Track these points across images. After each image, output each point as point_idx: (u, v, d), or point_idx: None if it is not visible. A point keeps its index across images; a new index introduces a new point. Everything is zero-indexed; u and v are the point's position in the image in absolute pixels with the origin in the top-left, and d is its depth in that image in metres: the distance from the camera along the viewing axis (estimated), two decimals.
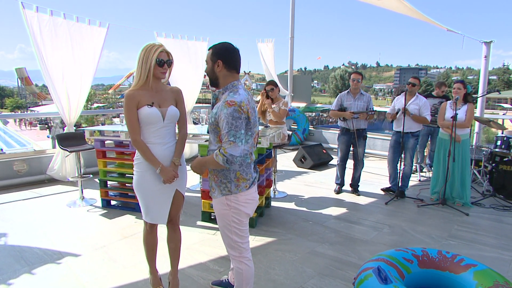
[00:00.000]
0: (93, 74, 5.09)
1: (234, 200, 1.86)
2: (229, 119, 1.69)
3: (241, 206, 1.87)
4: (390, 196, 4.53)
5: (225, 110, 1.71)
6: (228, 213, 1.87)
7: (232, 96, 1.77)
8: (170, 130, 2.13)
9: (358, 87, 4.49)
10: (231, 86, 1.84)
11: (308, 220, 3.72)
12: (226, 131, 1.70)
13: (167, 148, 2.10)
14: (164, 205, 2.15)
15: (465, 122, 4.08)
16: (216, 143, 1.86)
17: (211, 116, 1.83)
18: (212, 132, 1.87)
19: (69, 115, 4.99)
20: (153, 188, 2.10)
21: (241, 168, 1.87)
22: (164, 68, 2.03)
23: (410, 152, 4.43)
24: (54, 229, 3.43)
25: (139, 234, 3.29)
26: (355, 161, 4.66)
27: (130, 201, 3.96)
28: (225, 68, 1.83)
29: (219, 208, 1.90)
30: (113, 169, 3.96)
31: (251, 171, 1.92)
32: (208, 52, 1.88)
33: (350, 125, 4.45)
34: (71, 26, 4.82)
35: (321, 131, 8.42)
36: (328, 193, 4.75)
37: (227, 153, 1.69)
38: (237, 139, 1.70)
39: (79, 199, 4.16)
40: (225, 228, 1.92)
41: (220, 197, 1.88)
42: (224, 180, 1.87)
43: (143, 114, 2.02)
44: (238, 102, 1.73)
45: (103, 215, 3.81)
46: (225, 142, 1.71)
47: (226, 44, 1.85)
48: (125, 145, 3.97)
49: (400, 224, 3.63)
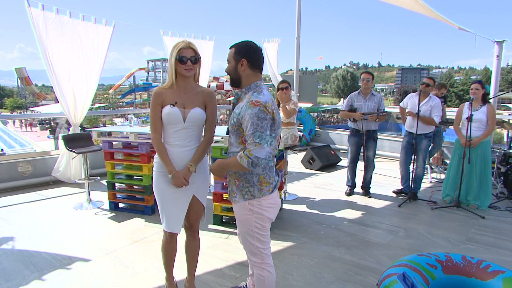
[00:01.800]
0: (99, 73, 5.05)
1: (257, 204, 1.81)
2: (254, 120, 1.64)
3: (264, 211, 1.82)
4: (402, 198, 4.48)
5: (250, 110, 1.66)
6: (251, 218, 1.82)
7: (257, 96, 1.72)
8: (193, 133, 2.05)
9: (369, 86, 4.44)
10: (254, 86, 1.80)
11: (321, 223, 3.67)
12: (251, 132, 1.65)
13: (186, 151, 2.03)
14: (178, 211, 2.07)
15: (489, 126, 4.01)
16: (238, 144, 1.80)
17: (233, 116, 1.78)
18: (234, 134, 1.81)
19: (74, 115, 4.93)
20: (167, 191, 2.04)
21: (265, 171, 1.81)
22: (187, 65, 1.96)
23: (423, 153, 4.37)
24: (62, 232, 3.37)
25: (149, 238, 3.24)
26: (365, 163, 4.61)
27: (138, 204, 3.91)
28: (249, 68, 1.78)
29: (241, 213, 1.84)
30: (121, 171, 3.91)
31: (273, 174, 1.87)
32: (230, 50, 1.83)
33: (360, 126, 4.40)
34: (76, 25, 4.78)
35: (327, 132, 8.36)
36: (339, 195, 4.70)
37: (252, 155, 1.64)
38: (263, 141, 1.64)
39: (86, 202, 4.11)
40: (246, 234, 1.87)
41: (242, 201, 1.83)
42: (246, 184, 1.81)
43: (164, 113, 1.98)
44: (263, 102, 1.68)
45: (111, 218, 3.76)
46: (250, 143, 1.65)
47: (249, 43, 1.81)
48: (133, 146, 3.92)
49: (416, 227, 3.58)
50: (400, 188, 4.67)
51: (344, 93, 62.07)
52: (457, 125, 4.24)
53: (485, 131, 4.01)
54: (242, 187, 1.83)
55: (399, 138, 7.26)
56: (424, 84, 4.32)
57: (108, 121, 25.67)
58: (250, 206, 1.81)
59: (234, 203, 1.89)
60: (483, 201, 4.11)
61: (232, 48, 1.82)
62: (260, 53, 1.81)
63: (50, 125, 23.82)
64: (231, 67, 1.82)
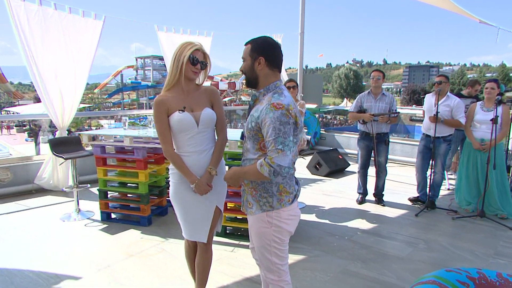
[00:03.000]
0: (88, 71, 4.99)
1: (276, 216, 1.76)
2: (276, 124, 1.60)
3: (283, 223, 1.78)
4: (419, 206, 4.45)
5: (271, 113, 1.62)
6: (269, 231, 1.78)
7: (278, 98, 1.68)
8: (207, 135, 2.05)
9: (379, 85, 4.43)
10: (274, 86, 1.76)
11: (333, 234, 3.63)
12: (272, 137, 1.60)
13: (205, 156, 2.03)
14: (203, 220, 2.09)
15: (503, 128, 4.01)
16: (256, 151, 1.76)
17: (251, 120, 1.74)
18: (251, 139, 1.77)
19: (61, 117, 4.87)
20: (190, 202, 2.04)
21: (284, 180, 1.77)
22: (196, 67, 1.96)
23: (441, 158, 4.35)
24: (47, 247, 3.28)
25: (146, 252, 3.17)
26: (377, 169, 4.58)
27: (133, 214, 3.85)
28: (267, 66, 1.75)
29: (258, 226, 1.80)
30: (115, 178, 3.85)
31: (293, 183, 1.83)
32: (246, 47, 1.79)
33: (370, 128, 4.38)
34: (63, 18, 4.72)
35: (333, 135, 8.34)
36: (349, 203, 4.67)
37: (275, 163, 1.59)
38: (286, 147, 1.60)
39: (75, 212, 4.03)
40: (263, 249, 1.82)
41: (260, 213, 1.78)
42: (264, 194, 1.77)
43: (174, 121, 1.95)
44: (285, 105, 1.64)
45: (103, 230, 3.68)
46: (271, 150, 1.61)
47: (268, 39, 1.77)
48: (128, 151, 3.86)
49: (437, 239, 3.55)
50: (416, 196, 4.65)
51: (347, 93, 62.30)
52: (468, 127, 4.22)
53: (498, 133, 4.00)
54: (260, 197, 1.78)
55: (411, 142, 7.25)
56: (436, 83, 4.29)
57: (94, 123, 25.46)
58: (268, 218, 1.77)
59: (249, 215, 1.85)
60: (509, 210, 4.09)
61: (248, 45, 1.78)
62: (279, 51, 1.78)
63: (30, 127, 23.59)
64: (247, 66, 1.78)
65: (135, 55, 53.17)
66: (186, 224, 2.09)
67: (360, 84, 67.51)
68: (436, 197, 4.46)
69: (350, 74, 65.15)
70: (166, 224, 3.82)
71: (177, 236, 3.49)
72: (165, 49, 5.75)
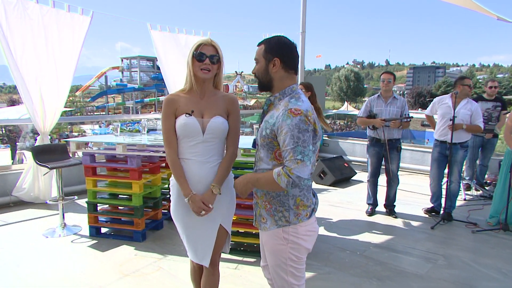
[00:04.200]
0: (73, 71, 4.93)
1: (293, 232, 1.72)
2: (294, 132, 1.57)
3: (300, 239, 1.74)
4: (434, 218, 4.43)
5: (289, 120, 1.59)
6: (285, 249, 1.73)
7: (295, 103, 1.65)
8: (214, 147, 1.98)
9: (390, 88, 4.44)
10: (290, 90, 1.74)
11: (344, 249, 3.60)
12: (291, 146, 1.57)
13: (207, 168, 1.97)
14: (206, 241, 2.02)
15: None
16: (270, 160, 1.73)
17: (265, 127, 1.71)
18: (265, 147, 1.73)
19: (43, 122, 4.79)
20: (191, 220, 1.97)
21: (302, 192, 1.74)
22: (205, 63, 1.90)
23: (458, 166, 4.36)
24: (29, 267, 3.18)
25: (142, 271, 3.10)
26: (388, 177, 4.57)
27: (126, 228, 3.77)
28: (282, 68, 1.73)
29: (273, 243, 1.76)
30: (105, 189, 3.78)
31: (311, 195, 1.80)
32: (259, 48, 1.76)
33: (381, 134, 4.38)
34: (45, 12, 4.65)
35: (337, 141, 8.35)
36: (359, 215, 4.65)
37: (294, 174, 1.56)
38: (305, 157, 1.57)
39: (60, 227, 3.94)
40: (278, 268, 1.78)
41: (275, 229, 1.75)
42: (280, 208, 1.73)
43: (179, 124, 1.91)
44: (304, 111, 1.61)
45: (93, 246, 3.60)
46: (290, 160, 1.58)
47: (283, 38, 1.75)
48: (119, 159, 3.80)
49: (457, 254, 3.52)
50: (431, 207, 4.64)
51: (348, 96, 62.73)
52: (509, 133, 4.19)
53: None
54: (275, 211, 1.74)
55: (421, 148, 7.28)
56: (467, 85, 4.28)
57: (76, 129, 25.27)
58: (284, 235, 1.73)
59: (263, 231, 1.81)
60: None
61: (261, 45, 1.76)
62: (296, 51, 1.76)
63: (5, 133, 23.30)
64: (261, 68, 1.76)
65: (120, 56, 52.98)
66: (188, 244, 2.02)
67: (361, 87, 68.03)
68: (453, 208, 4.46)
69: (350, 76, 65.65)
70: (162, 239, 3.76)
71: (175, 252, 3.43)
72: (159, 49, 5.71)
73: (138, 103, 43.33)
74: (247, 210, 3.29)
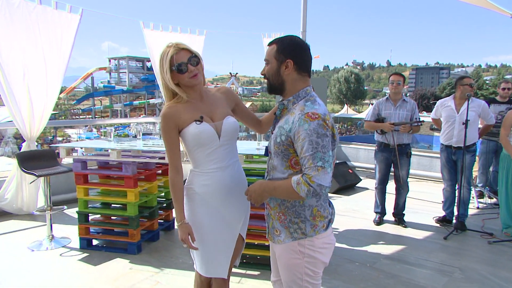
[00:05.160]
0: (63, 72, 4.88)
1: (309, 245, 1.70)
2: (313, 137, 1.55)
3: (317, 253, 1.72)
4: (447, 228, 4.42)
5: (306, 125, 1.57)
6: (301, 263, 1.71)
7: (312, 106, 1.64)
8: (231, 148, 1.98)
9: (399, 91, 4.44)
10: (304, 93, 1.72)
11: (353, 261, 3.57)
12: (310, 153, 1.55)
13: (230, 172, 1.96)
14: (225, 251, 2.01)
15: None
16: (285, 169, 1.70)
17: (280, 133, 1.68)
18: (279, 155, 1.71)
19: (30, 126, 4.72)
20: (209, 229, 1.95)
21: (319, 202, 1.72)
22: (190, 71, 1.84)
23: (467, 171, 4.36)
24: (13, 284, 3.10)
25: (138, 285, 3.05)
26: (397, 184, 4.56)
27: (119, 240, 3.72)
28: (295, 71, 1.71)
29: (288, 257, 1.73)
30: (98, 198, 3.73)
31: (327, 205, 1.77)
32: (271, 48, 1.74)
33: (390, 139, 4.38)
34: (32, 9, 4.61)
35: (340, 146, 8.35)
36: (366, 224, 4.63)
37: (315, 182, 1.53)
38: (326, 164, 1.55)
39: (47, 239, 3.87)
40: (293, 284, 1.75)
41: (290, 242, 1.72)
42: (295, 219, 1.70)
43: (192, 134, 1.86)
44: (321, 115, 1.60)
45: (84, 260, 3.53)
46: (309, 167, 1.55)
47: (296, 39, 1.74)
48: (112, 166, 3.75)
49: (474, 267, 3.50)
50: (443, 216, 4.63)
51: (347, 99, 63.00)
52: (506, 136, 4.24)
53: None
54: (290, 223, 1.72)
55: (428, 153, 7.30)
56: (467, 85, 4.30)
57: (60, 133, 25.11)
58: (300, 248, 1.70)
59: (276, 244, 1.77)
60: None
61: (272, 45, 1.74)
62: (309, 53, 1.75)
63: None
64: (272, 70, 1.73)
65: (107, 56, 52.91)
66: (202, 257, 1.98)
67: (361, 89, 68.31)
68: (466, 217, 4.45)
69: (350, 78, 65.86)
70: (159, 251, 3.71)
71: (173, 265, 3.39)
72: (152, 49, 5.69)
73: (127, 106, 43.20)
74: (250, 220, 3.25)
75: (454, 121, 4.30)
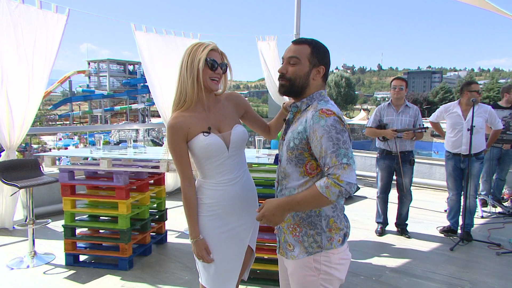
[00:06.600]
0: (47, 77, 4.79)
1: (325, 261, 1.66)
2: (332, 133, 1.52)
3: (333, 269, 1.68)
4: (452, 239, 4.44)
5: (323, 121, 1.54)
6: (316, 280, 1.66)
7: (325, 104, 1.63)
8: (240, 158, 1.97)
9: (402, 96, 4.46)
10: (318, 95, 1.72)
11: (357, 274, 3.55)
12: (331, 150, 1.51)
13: (239, 183, 1.94)
14: (234, 263, 1.98)
15: None
16: (301, 176, 1.66)
17: (293, 137, 1.65)
18: (293, 161, 1.67)
19: (9, 134, 4.59)
20: (219, 241, 1.92)
21: (335, 212, 1.68)
22: (217, 72, 1.85)
23: (475, 180, 4.40)
24: None
25: None
26: (400, 193, 4.58)
27: (109, 255, 3.63)
28: (322, 78, 1.72)
29: (302, 274, 1.68)
30: (86, 210, 3.64)
31: (343, 217, 1.75)
32: (303, 48, 1.68)
33: (392, 146, 4.39)
34: (13, 9, 4.51)
35: None
36: (367, 235, 4.63)
37: (343, 181, 1.48)
38: (351, 160, 1.51)
39: (28, 256, 3.74)
40: None
41: (304, 257, 1.67)
42: (311, 232, 1.66)
43: (200, 147, 1.84)
44: (336, 112, 1.59)
45: (70, 278, 3.43)
46: (334, 166, 1.50)
47: (325, 46, 1.74)
48: (101, 176, 3.67)
49: (485, 280, 3.51)
50: (447, 226, 4.65)
51: (338, 104, 63.53)
52: None
53: None
54: (305, 235, 1.67)
55: (428, 161, 7.37)
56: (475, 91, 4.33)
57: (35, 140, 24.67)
58: (315, 264, 1.66)
59: (289, 259, 1.73)
60: None
61: (304, 45, 1.69)
62: None
63: None
64: (302, 72, 1.68)
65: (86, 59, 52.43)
66: (209, 270, 1.94)
67: (352, 93, 69.10)
68: (471, 227, 4.49)
69: (341, 82, 66.61)
70: (152, 266, 3.62)
71: (168, 281, 3.32)
72: (143, 53, 5.61)
73: (108, 112, 42.75)
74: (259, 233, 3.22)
75: (462, 128, 4.32)
